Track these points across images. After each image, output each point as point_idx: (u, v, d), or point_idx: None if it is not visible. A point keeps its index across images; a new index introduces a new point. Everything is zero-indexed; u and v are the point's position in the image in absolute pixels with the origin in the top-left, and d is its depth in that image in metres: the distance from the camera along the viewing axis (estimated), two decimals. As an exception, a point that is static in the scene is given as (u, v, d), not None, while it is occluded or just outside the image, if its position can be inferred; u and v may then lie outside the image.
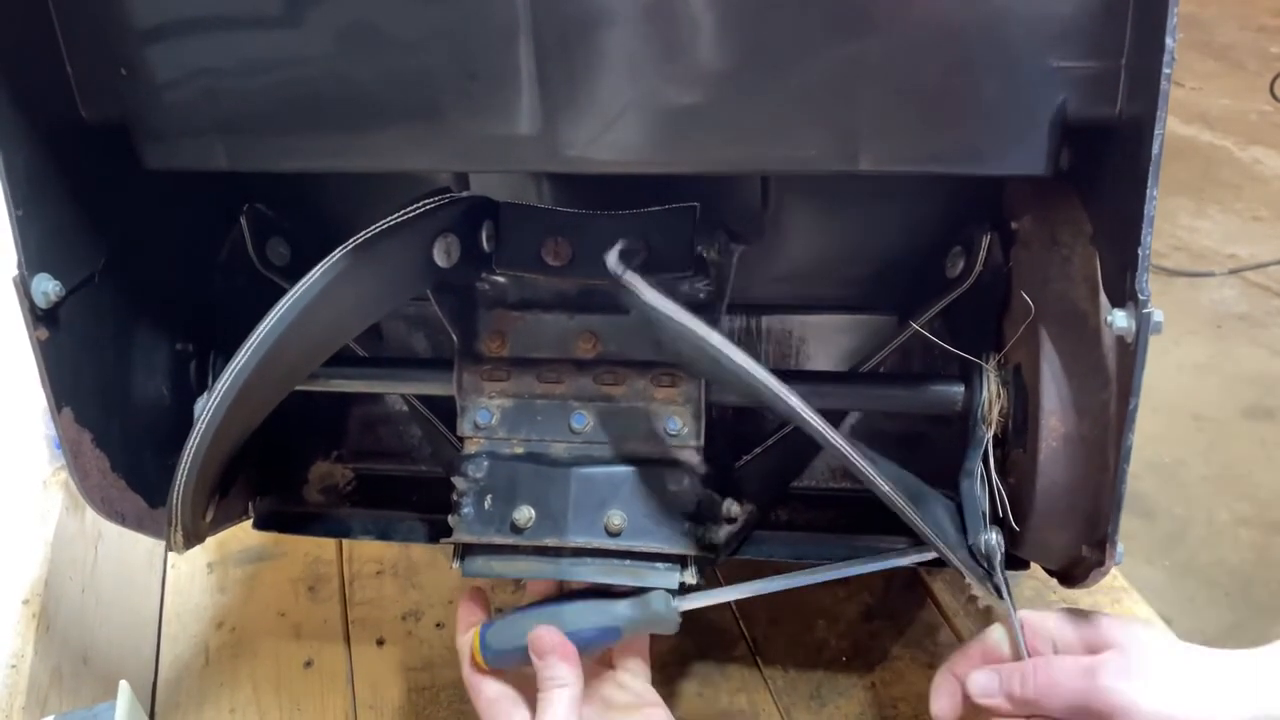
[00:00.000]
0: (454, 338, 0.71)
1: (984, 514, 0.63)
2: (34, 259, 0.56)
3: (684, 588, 0.66)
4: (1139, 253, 0.48)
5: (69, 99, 0.59)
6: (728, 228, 0.70)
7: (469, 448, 0.71)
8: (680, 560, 0.67)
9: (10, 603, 0.76)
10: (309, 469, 0.83)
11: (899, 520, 0.59)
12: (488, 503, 0.68)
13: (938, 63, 0.52)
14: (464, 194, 0.67)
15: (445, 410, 0.75)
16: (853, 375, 0.76)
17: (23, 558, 0.80)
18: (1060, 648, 0.60)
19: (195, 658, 0.87)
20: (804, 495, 0.80)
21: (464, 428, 0.71)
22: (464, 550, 0.69)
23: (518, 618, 0.66)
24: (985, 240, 0.67)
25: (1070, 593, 0.77)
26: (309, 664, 0.86)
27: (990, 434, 0.65)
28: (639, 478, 0.68)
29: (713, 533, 0.69)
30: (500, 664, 0.66)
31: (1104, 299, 0.56)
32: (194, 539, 0.68)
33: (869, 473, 0.56)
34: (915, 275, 0.73)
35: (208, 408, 0.58)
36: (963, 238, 0.68)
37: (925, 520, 0.58)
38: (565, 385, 0.71)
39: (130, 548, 0.93)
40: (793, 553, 0.75)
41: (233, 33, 0.56)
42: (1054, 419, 0.60)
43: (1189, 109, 2.98)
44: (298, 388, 0.69)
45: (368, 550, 0.98)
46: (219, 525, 0.75)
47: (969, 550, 0.62)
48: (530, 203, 0.71)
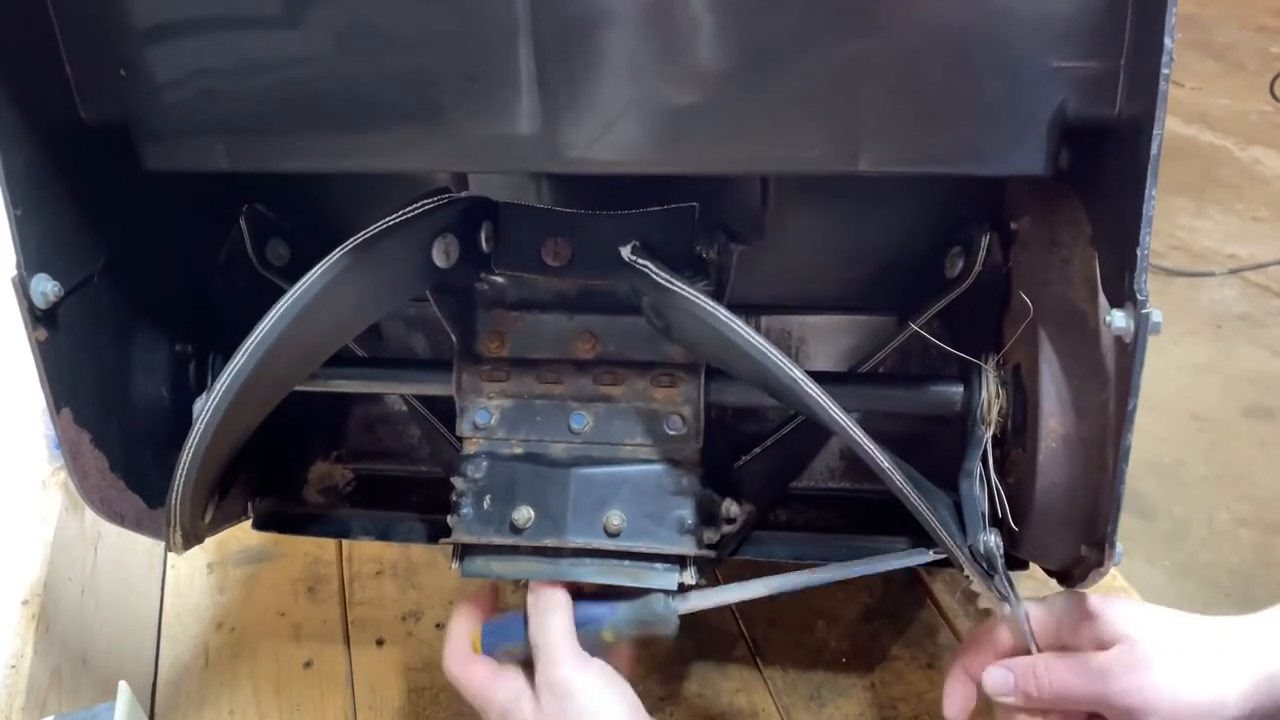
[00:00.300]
0: (453, 338, 0.71)
1: (983, 514, 0.63)
2: (33, 259, 0.56)
3: (683, 588, 0.66)
4: (1137, 253, 0.48)
5: (68, 100, 0.59)
6: (727, 228, 0.70)
7: (468, 448, 0.71)
8: (679, 561, 0.67)
9: (10, 603, 0.76)
10: (308, 469, 0.83)
11: (899, 521, 0.59)
12: (487, 503, 0.68)
13: (938, 63, 0.52)
14: (463, 194, 0.67)
15: (444, 410, 0.75)
16: (852, 375, 0.76)
17: (22, 558, 0.80)
18: (1067, 639, 0.61)
19: (195, 658, 0.87)
20: (803, 495, 0.80)
21: (463, 428, 0.71)
22: (463, 551, 0.69)
23: (519, 616, 0.66)
24: (985, 240, 0.66)
25: (1070, 593, 0.77)
26: (309, 664, 0.86)
27: (989, 434, 0.65)
28: (638, 478, 0.68)
29: (712, 533, 0.69)
30: (498, 658, 0.66)
31: (1103, 299, 0.56)
32: (193, 539, 0.68)
33: (883, 463, 0.56)
34: (914, 276, 0.73)
35: (207, 408, 0.58)
36: (962, 238, 0.68)
37: (935, 516, 0.58)
38: (564, 385, 0.71)
39: (130, 548, 0.93)
40: (792, 553, 0.75)
41: (233, 33, 0.56)
42: (1053, 419, 0.60)
43: (1189, 109, 2.98)
44: (297, 388, 0.69)
45: (367, 550, 0.98)
46: (218, 526, 0.75)
47: (969, 550, 0.62)
48: (529, 203, 0.71)
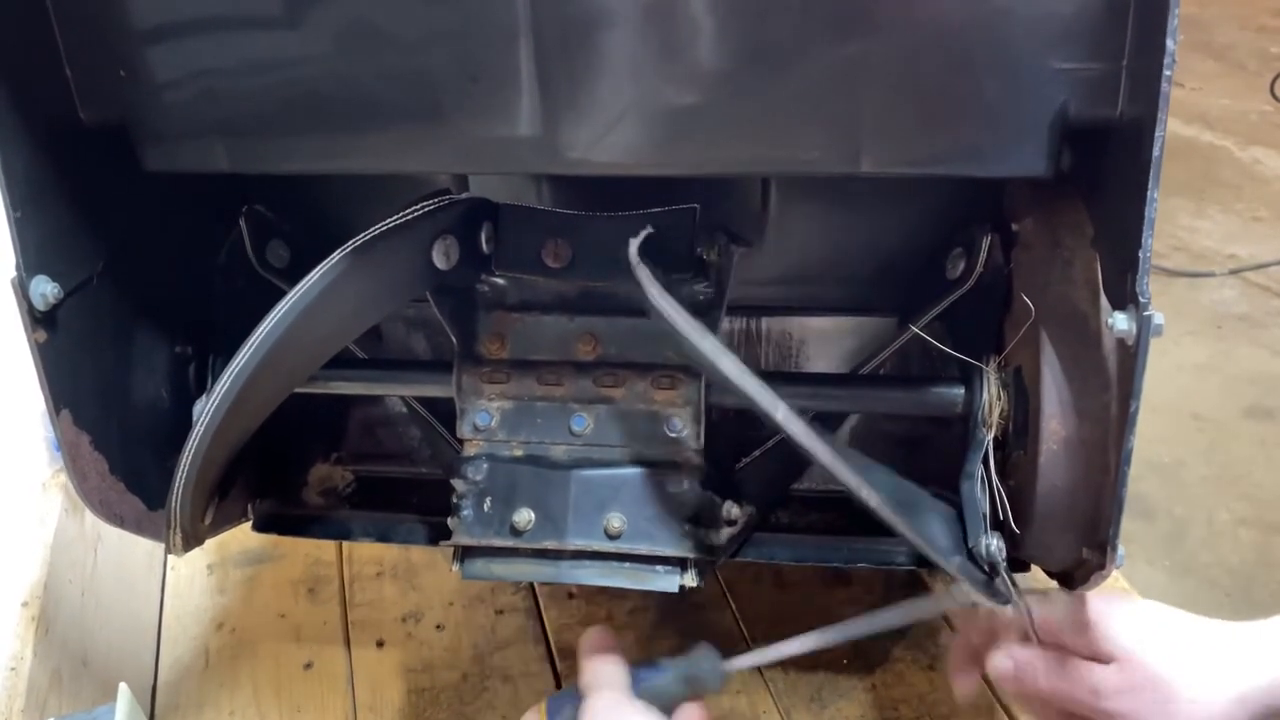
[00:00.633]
0: (453, 340, 0.71)
1: (984, 516, 0.63)
2: (33, 261, 0.56)
3: (684, 590, 0.66)
4: (1139, 255, 0.48)
5: (68, 101, 0.59)
6: (728, 229, 0.69)
7: (468, 450, 0.71)
8: (680, 563, 0.67)
9: (9, 605, 0.76)
10: (309, 471, 0.83)
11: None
12: (487, 505, 0.68)
13: (939, 64, 0.52)
14: (463, 196, 0.67)
15: (445, 412, 0.75)
16: (853, 377, 0.76)
17: (22, 560, 0.79)
18: (1067, 641, 0.61)
19: (195, 660, 0.87)
20: (804, 497, 0.79)
21: (463, 430, 0.71)
22: (464, 553, 0.69)
23: (574, 691, 0.62)
24: (986, 242, 0.66)
25: (1071, 594, 0.77)
26: (309, 666, 0.86)
27: (990, 436, 0.65)
28: (639, 480, 0.68)
29: (713, 535, 0.69)
30: None
31: (1104, 301, 0.56)
32: (193, 541, 0.68)
33: (856, 484, 0.56)
34: (916, 277, 0.73)
35: (207, 409, 0.58)
36: (963, 239, 0.68)
37: (918, 530, 0.58)
38: (565, 387, 0.71)
39: (130, 550, 0.93)
40: (793, 555, 0.75)
41: (232, 34, 0.56)
42: (1054, 421, 0.60)
43: (1189, 109, 2.98)
44: (297, 390, 0.69)
45: (367, 552, 0.98)
46: (218, 527, 0.75)
47: (969, 555, 0.62)
48: (530, 204, 0.71)
